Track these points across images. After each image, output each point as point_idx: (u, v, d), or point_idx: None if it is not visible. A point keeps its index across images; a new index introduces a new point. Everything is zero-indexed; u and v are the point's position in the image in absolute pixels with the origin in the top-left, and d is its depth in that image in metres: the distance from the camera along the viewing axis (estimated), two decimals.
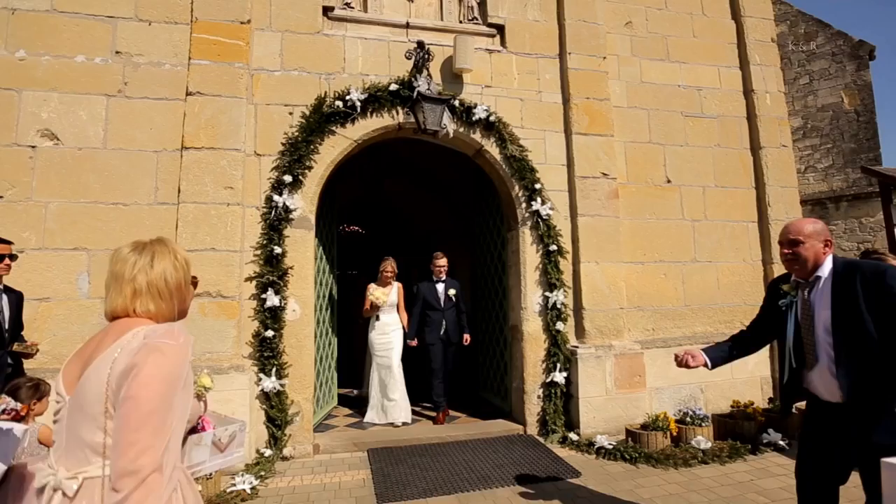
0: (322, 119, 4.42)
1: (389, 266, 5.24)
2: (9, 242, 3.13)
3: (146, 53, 4.20)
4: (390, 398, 4.97)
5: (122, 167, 4.07)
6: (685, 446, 4.12)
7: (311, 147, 4.40)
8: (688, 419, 4.32)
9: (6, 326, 3.08)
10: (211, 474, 3.38)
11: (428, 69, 4.65)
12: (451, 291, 5.25)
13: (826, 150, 8.91)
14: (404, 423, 4.95)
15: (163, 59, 4.22)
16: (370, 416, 5.07)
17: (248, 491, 3.44)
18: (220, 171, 4.13)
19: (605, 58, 5.21)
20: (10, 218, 3.85)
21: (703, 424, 4.28)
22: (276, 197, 4.25)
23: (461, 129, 4.79)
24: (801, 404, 2.39)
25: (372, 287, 5.21)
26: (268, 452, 3.99)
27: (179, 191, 4.08)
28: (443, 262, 5.28)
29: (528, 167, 4.85)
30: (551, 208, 4.87)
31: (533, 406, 4.78)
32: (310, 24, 4.58)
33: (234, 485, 3.47)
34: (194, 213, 4.06)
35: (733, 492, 3.37)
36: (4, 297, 3.13)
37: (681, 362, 2.53)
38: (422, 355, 5.44)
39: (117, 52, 4.15)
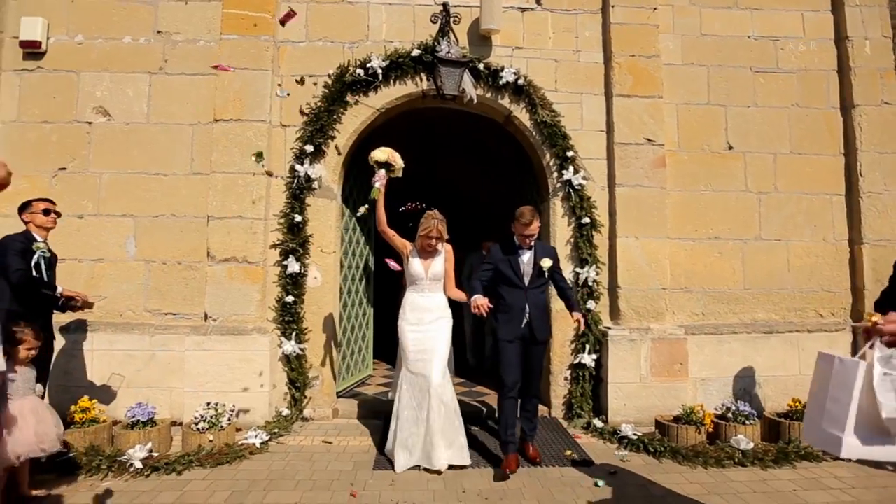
0: (344, 88, 4.41)
1: (435, 228, 3.39)
2: (51, 201, 3.47)
3: (183, 31, 4.44)
4: (428, 435, 3.23)
5: (163, 140, 4.38)
6: (722, 445, 3.64)
7: (333, 117, 4.41)
8: (729, 415, 3.81)
9: (54, 272, 3.42)
10: (223, 426, 3.60)
11: (453, 32, 4.44)
12: (546, 263, 3.36)
13: None
14: (452, 468, 3.25)
15: (198, 36, 4.44)
16: (392, 449, 3.38)
17: (258, 445, 3.62)
18: (246, 142, 4.30)
19: (655, 9, 4.63)
20: (71, 187, 4.31)
21: (748, 422, 3.75)
22: (298, 166, 4.34)
23: (488, 95, 4.54)
24: None
25: (399, 241, 3.59)
26: (286, 412, 4.16)
27: (211, 161, 4.31)
28: (532, 226, 3.31)
29: (559, 133, 4.49)
30: (584, 178, 4.48)
31: (559, 388, 4.51)
32: None
33: (246, 438, 3.66)
34: (223, 182, 4.27)
35: (766, 501, 2.92)
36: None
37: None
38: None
39: (158, 32, 4.44)
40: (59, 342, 4.04)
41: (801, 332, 4.53)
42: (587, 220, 4.46)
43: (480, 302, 3.20)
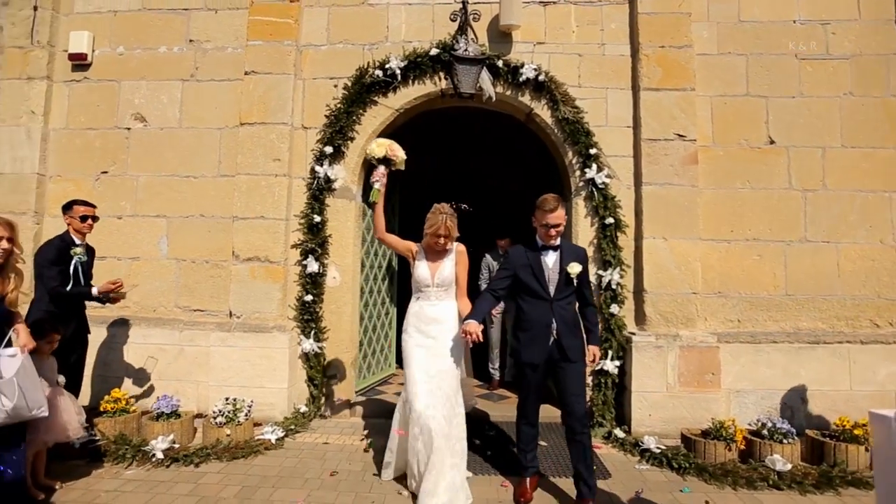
0: (363, 90, 4.45)
1: (443, 225, 2.94)
2: (92, 206, 3.70)
3: (213, 39, 4.63)
4: (425, 484, 2.71)
5: (193, 144, 4.58)
6: (755, 464, 3.36)
7: (353, 118, 4.46)
8: (764, 431, 3.52)
9: (90, 272, 3.65)
10: (241, 421, 3.71)
11: (473, 29, 4.37)
12: (574, 268, 2.83)
13: None
14: None
15: (226, 43, 4.61)
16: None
17: (274, 441, 3.70)
18: (269, 145, 4.42)
19: None
20: (112, 189, 4.60)
21: (786, 441, 3.45)
22: (317, 168, 4.41)
23: (508, 92, 4.44)
24: None
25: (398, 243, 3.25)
26: (304, 409, 4.24)
27: (237, 163, 4.46)
28: (557, 214, 2.80)
29: (582, 130, 4.32)
30: (608, 176, 4.29)
31: None
32: None
33: (262, 434, 3.76)
34: (247, 183, 4.41)
35: None
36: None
37: None
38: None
39: (190, 41, 4.65)
40: (101, 335, 4.33)
41: (853, 343, 4.13)
42: (611, 220, 4.26)
43: (472, 329, 2.67)
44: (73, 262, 3.38)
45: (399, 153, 3.17)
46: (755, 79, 4.40)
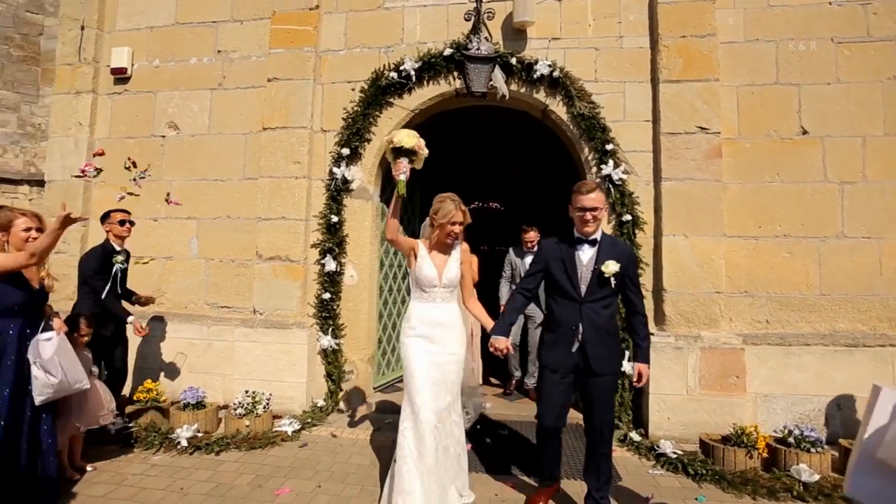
0: (378, 92, 4.54)
1: (458, 211, 2.73)
2: (127, 212, 3.98)
3: (238, 49, 4.86)
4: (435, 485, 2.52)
5: (220, 149, 4.82)
6: (779, 474, 3.19)
7: (369, 120, 4.56)
8: (791, 439, 3.33)
9: (126, 275, 3.94)
10: (259, 413, 3.88)
11: (487, 28, 4.38)
12: (609, 267, 2.52)
13: None
14: None
15: (251, 52, 4.83)
16: None
17: (290, 433, 3.85)
18: (289, 148, 4.59)
19: None
20: (149, 193, 4.90)
21: (814, 450, 3.24)
22: (335, 169, 4.54)
23: (522, 90, 4.41)
24: None
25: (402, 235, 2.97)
26: (321, 403, 4.38)
27: (259, 167, 4.66)
28: (593, 196, 2.55)
29: (598, 126, 4.23)
30: (625, 172, 4.18)
31: None
32: (371, 0, 4.70)
33: (280, 426, 3.91)
34: (269, 185, 4.60)
35: None
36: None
37: None
38: None
39: (218, 52, 4.90)
40: None
41: None
42: (628, 217, 4.15)
43: (500, 346, 2.58)
44: (115, 269, 3.69)
45: (424, 149, 2.85)
46: (786, 66, 4.16)
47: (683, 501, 2.96)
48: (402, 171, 2.73)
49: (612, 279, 2.52)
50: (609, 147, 4.20)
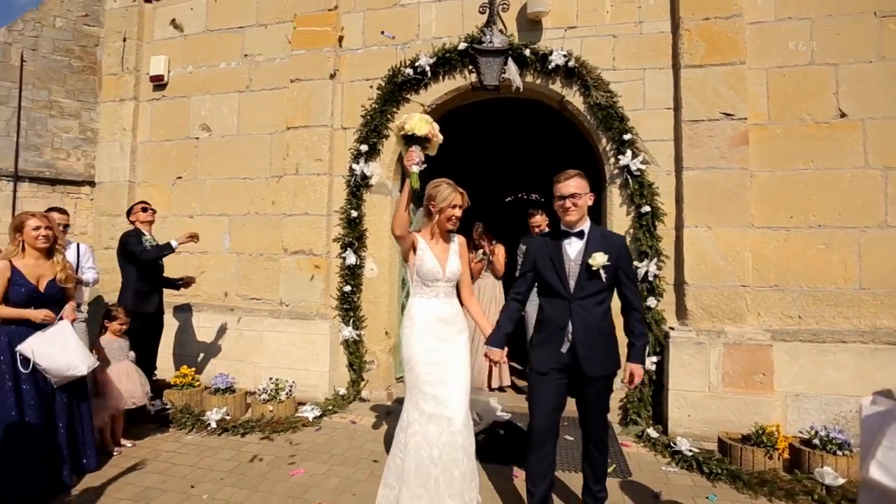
0: (395, 88, 4.62)
1: (456, 193, 2.59)
2: (146, 202, 4.31)
3: (264, 52, 5.07)
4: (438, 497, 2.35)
5: (248, 149, 5.07)
6: (800, 476, 3.03)
7: (386, 116, 4.65)
8: (816, 441, 3.15)
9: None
10: (282, 399, 4.08)
11: (502, 20, 4.36)
12: (597, 259, 2.36)
13: None
14: None
15: (275, 55, 5.03)
16: None
17: (311, 419, 4.03)
18: (311, 146, 4.76)
19: None
20: (185, 192, 5.24)
21: (841, 452, 3.05)
22: (354, 165, 4.67)
23: (538, 81, 4.36)
24: None
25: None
26: (343, 392, 4.55)
27: (284, 165, 4.86)
28: (567, 183, 2.42)
29: (615, 115, 4.13)
30: (644, 162, 4.06)
31: (615, 391, 4.17)
32: None
33: (302, 412, 4.10)
34: (293, 182, 4.79)
35: None
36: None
37: None
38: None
39: (245, 55, 5.13)
40: (177, 322, 4.99)
41: None
42: (647, 208, 4.03)
43: (496, 357, 2.51)
44: (145, 245, 4.01)
45: (439, 135, 2.62)
46: (822, 44, 3.89)
47: (694, 500, 2.89)
48: (415, 161, 2.51)
49: (602, 273, 2.35)
50: (627, 137, 4.09)
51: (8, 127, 8.61)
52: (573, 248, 2.44)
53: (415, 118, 2.52)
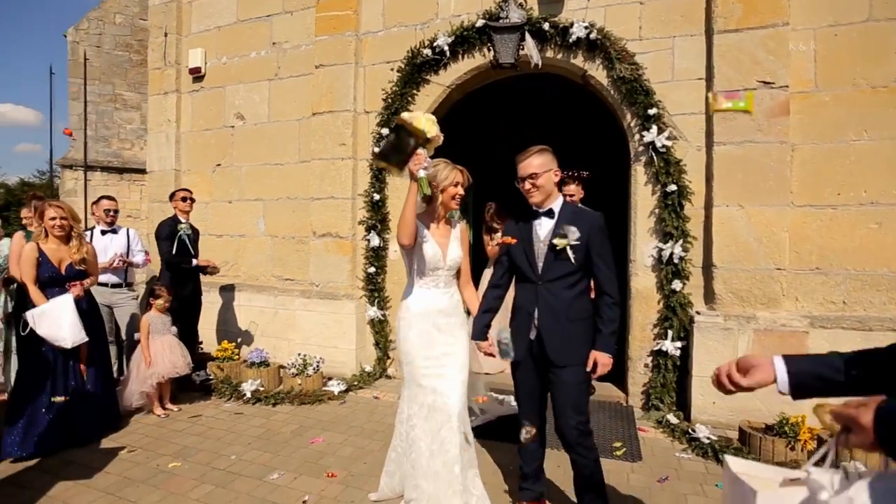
0: (415, 70, 4.61)
1: (457, 170, 2.46)
2: (188, 190, 4.59)
3: (290, 40, 5.20)
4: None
5: (278, 135, 5.27)
6: None
7: (406, 98, 4.66)
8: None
9: (196, 246, 4.57)
10: (310, 374, 4.34)
11: None
12: (561, 240, 2.19)
13: None
14: None
15: (301, 42, 5.14)
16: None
17: (336, 393, 4.26)
18: (336, 131, 4.88)
19: None
20: (224, 179, 5.55)
21: None
22: (375, 149, 4.74)
23: (559, 56, 4.19)
24: None
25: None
26: (369, 369, 4.76)
27: (311, 150, 5.03)
28: (526, 163, 2.26)
29: (640, 89, 3.90)
30: (670, 138, 3.84)
31: (638, 375, 4.10)
32: None
33: (328, 386, 4.35)
34: (320, 167, 4.95)
35: None
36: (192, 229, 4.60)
37: (715, 380, 1.29)
38: None
39: (273, 44, 5.28)
40: (220, 300, 5.38)
41: None
42: (674, 187, 3.83)
43: (484, 348, 2.45)
44: (179, 234, 4.32)
45: (440, 134, 2.42)
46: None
47: (702, 486, 2.82)
48: (422, 165, 2.33)
49: (570, 253, 2.17)
50: (652, 112, 3.86)
51: (80, 121, 9.41)
52: (543, 228, 2.28)
53: (421, 117, 2.36)
